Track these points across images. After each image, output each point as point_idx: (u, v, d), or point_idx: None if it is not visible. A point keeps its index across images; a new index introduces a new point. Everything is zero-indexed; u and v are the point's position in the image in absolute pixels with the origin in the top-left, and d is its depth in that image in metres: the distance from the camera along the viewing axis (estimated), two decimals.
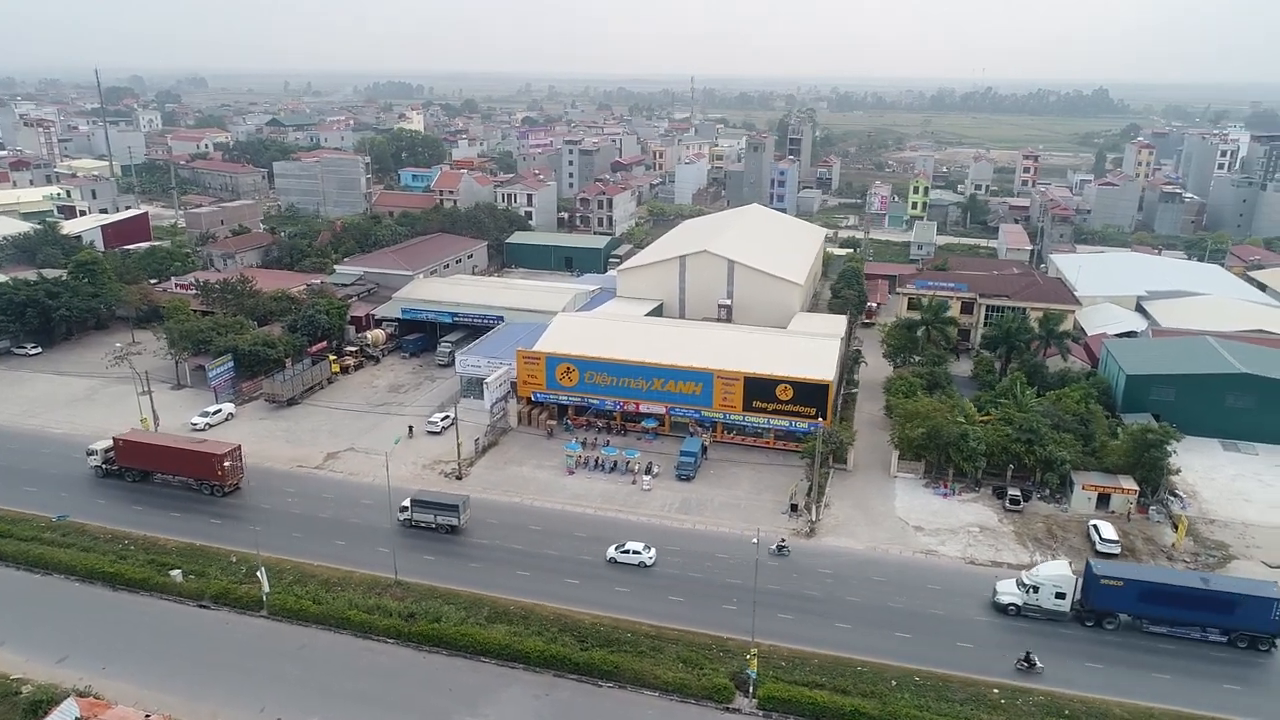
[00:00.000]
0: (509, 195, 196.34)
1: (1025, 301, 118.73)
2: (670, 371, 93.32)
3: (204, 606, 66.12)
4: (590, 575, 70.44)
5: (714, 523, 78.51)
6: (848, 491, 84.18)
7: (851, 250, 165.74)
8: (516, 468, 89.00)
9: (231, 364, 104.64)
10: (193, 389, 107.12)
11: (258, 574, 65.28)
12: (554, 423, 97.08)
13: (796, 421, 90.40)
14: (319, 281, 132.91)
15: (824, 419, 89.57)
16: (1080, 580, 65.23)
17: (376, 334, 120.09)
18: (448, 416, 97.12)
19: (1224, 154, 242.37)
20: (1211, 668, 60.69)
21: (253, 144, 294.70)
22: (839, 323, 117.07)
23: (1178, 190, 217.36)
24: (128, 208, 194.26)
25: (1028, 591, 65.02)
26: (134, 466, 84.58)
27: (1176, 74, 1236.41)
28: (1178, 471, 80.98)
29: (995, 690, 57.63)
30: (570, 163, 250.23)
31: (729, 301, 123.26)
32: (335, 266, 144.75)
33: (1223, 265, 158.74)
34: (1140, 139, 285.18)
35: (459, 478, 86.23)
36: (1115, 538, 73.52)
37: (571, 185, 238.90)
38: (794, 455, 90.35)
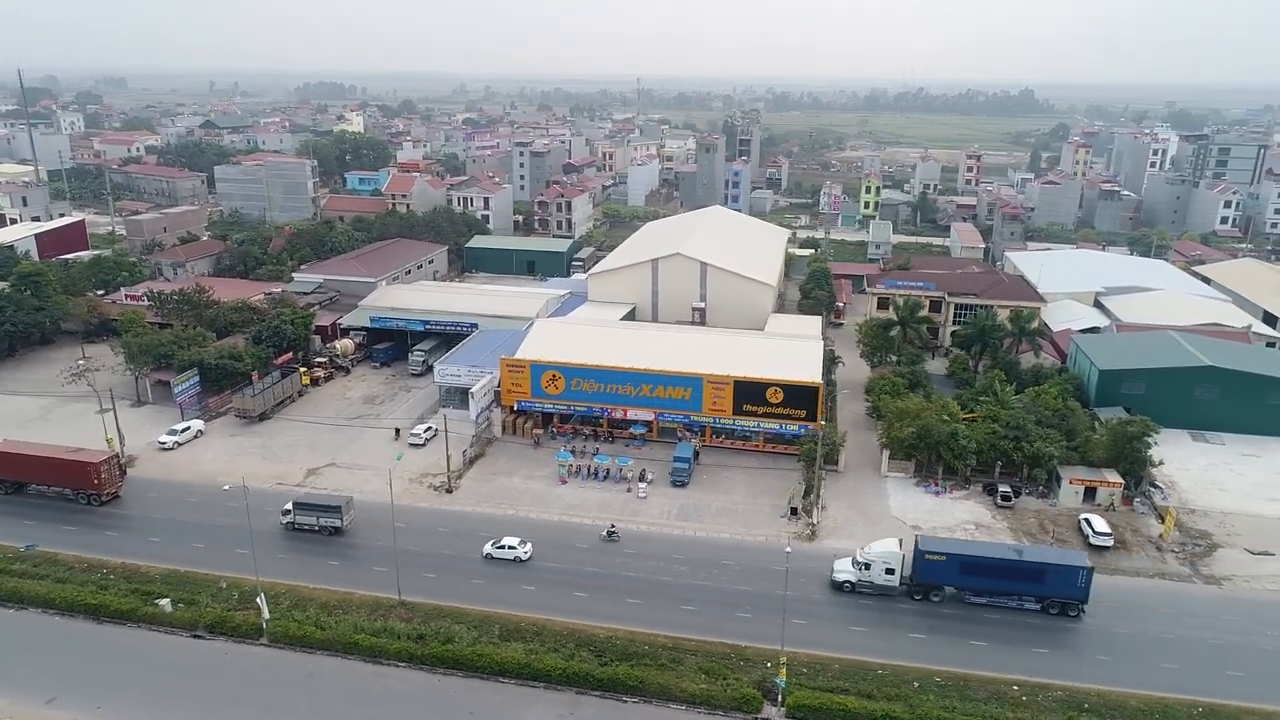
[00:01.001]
0: (465, 199, 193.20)
1: (992, 299, 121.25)
2: (659, 377, 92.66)
3: (198, 636, 63.08)
4: (598, 588, 69.33)
5: (715, 529, 78.13)
6: (841, 493, 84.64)
7: (813, 250, 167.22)
8: (507, 479, 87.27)
9: (197, 378, 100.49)
10: (155, 405, 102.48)
11: (257, 600, 62.52)
12: (540, 431, 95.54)
13: (786, 424, 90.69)
14: (279, 290, 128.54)
15: (814, 421, 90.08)
16: (907, 557, 68.19)
17: (345, 344, 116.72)
18: (430, 428, 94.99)
19: (1155, 153, 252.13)
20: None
21: (187, 147, 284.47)
22: (815, 324, 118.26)
23: (1116, 188, 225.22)
24: (61, 215, 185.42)
25: (861, 569, 68.15)
26: (5, 478, 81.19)
27: (1094, 76, 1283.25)
28: (1160, 464, 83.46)
29: (1015, 687, 58.42)
30: (521, 165, 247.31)
31: (703, 304, 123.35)
32: (293, 274, 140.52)
33: (1166, 260, 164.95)
34: (1076, 139, 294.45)
35: (449, 491, 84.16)
36: (1108, 530, 75.46)
37: (523, 188, 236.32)
38: (785, 458, 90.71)
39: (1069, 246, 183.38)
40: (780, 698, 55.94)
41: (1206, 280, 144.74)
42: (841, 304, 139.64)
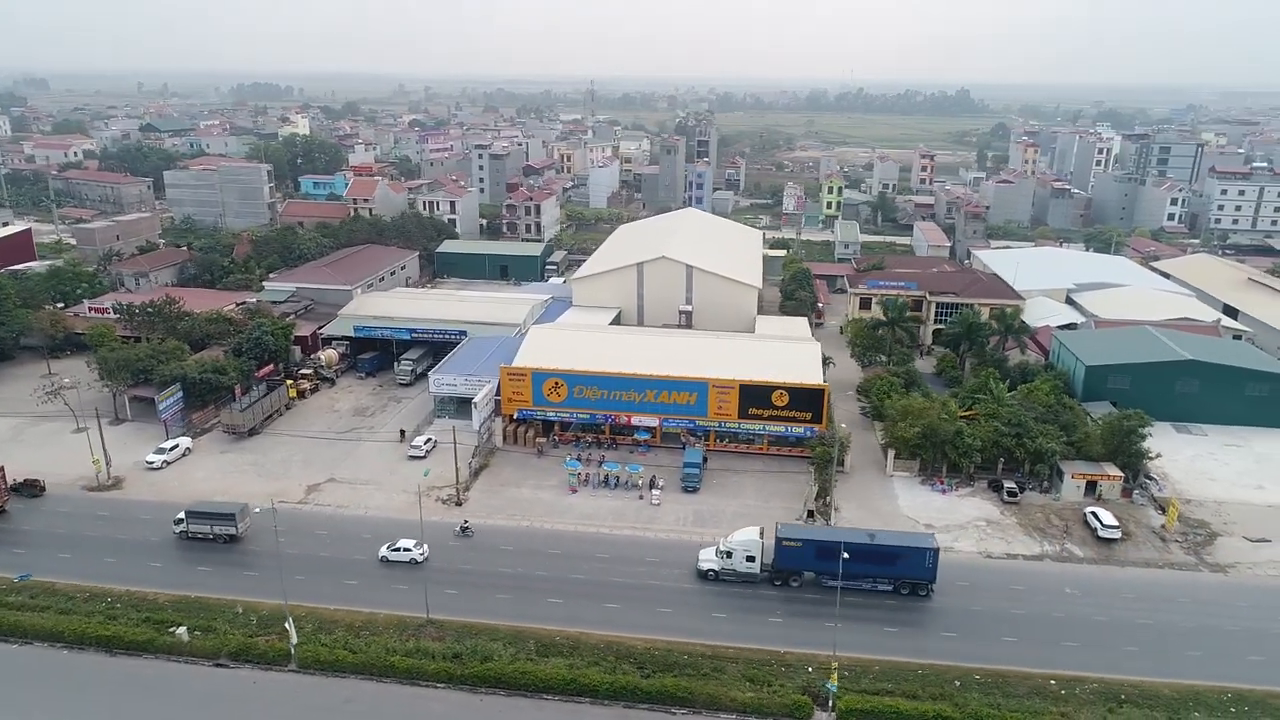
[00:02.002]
0: (431, 203, 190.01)
1: (972, 298, 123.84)
2: (663, 382, 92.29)
3: (222, 665, 60.66)
4: (629, 598, 68.68)
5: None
6: (850, 494, 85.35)
7: (785, 251, 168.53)
8: (515, 489, 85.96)
9: (180, 394, 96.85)
10: (135, 423, 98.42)
11: (285, 624, 60.38)
12: (544, 440, 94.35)
13: (792, 427, 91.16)
14: (254, 300, 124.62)
15: (819, 423, 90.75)
16: (768, 544, 70.31)
17: (330, 354, 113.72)
18: (430, 439, 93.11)
19: (1100, 152, 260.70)
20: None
21: (128, 151, 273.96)
22: (803, 325, 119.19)
23: (1067, 187, 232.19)
24: (4, 224, 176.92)
25: (724, 557, 70.00)
26: None
27: (1025, 76, 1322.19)
28: (1157, 456, 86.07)
29: (1052, 681, 59.62)
30: (481, 168, 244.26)
31: (689, 307, 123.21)
32: (263, 283, 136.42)
33: (1123, 257, 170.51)
34: (1024, 139, 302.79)
35: (458, 503, 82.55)
36: (1115, 523, 77.50)
37: (483, 191, 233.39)
38: (790, 460, 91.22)
39: (1028, 244, 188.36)
40: (830, 703, 56.12)
41: (1166, 275, 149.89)
42: (822, 305, 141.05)
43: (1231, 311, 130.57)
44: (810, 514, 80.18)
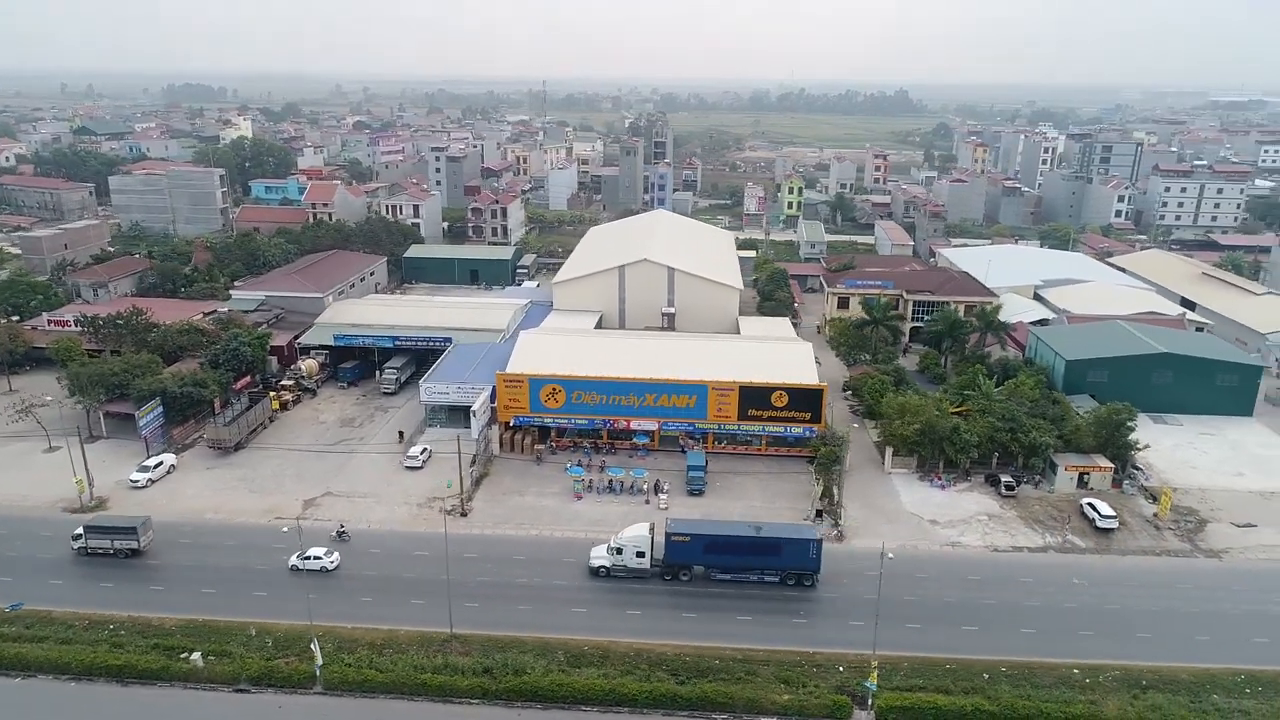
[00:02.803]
0: (394, 207, 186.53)
1: (948, 296, 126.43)
2: (663, 386, 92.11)
3: (243, 690, 58.63)
4: (651, 604, 68.44)
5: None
6: (851, 492, 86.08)
7: (755, 252, 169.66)
8: (519, 498, 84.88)
9: (161, 409, 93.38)
10: (111, 440, 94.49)
11: (310, 645, 58.65)
12: (542, 447, 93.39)
13: (791, 427, 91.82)
14: (225, 310, 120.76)
15: (818, 423, 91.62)
16: (658, 540, 71.27)
17: (310, 364, 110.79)
18: (426, 449, 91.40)
19: (1046, 151, 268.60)
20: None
21: (63, 155, 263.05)
22: (787, 326, 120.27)
23: (1017, 185, 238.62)
24: None
25: (614, 554, 70.80)
26: None
27: (957, 77, 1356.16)
28: (1145, 447, 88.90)
29: (1075, 670, 61.10)
30: (438, 170, 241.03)
31: (672, 309, 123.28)
32: (230, 292, 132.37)
33: (1079, 253, 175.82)
34: (973, 139, 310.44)
35: (463, 514, 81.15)
36: (1113, 513, 79.81)
37: (438, 194, 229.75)
38: (789, 460, 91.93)
39: (984, 242, 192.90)
40: (870, 701, 56.66)
41: (1123, 270, 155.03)
42: (797, 304, 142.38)
43: (1189, 304, 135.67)
44: (818, 514, 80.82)
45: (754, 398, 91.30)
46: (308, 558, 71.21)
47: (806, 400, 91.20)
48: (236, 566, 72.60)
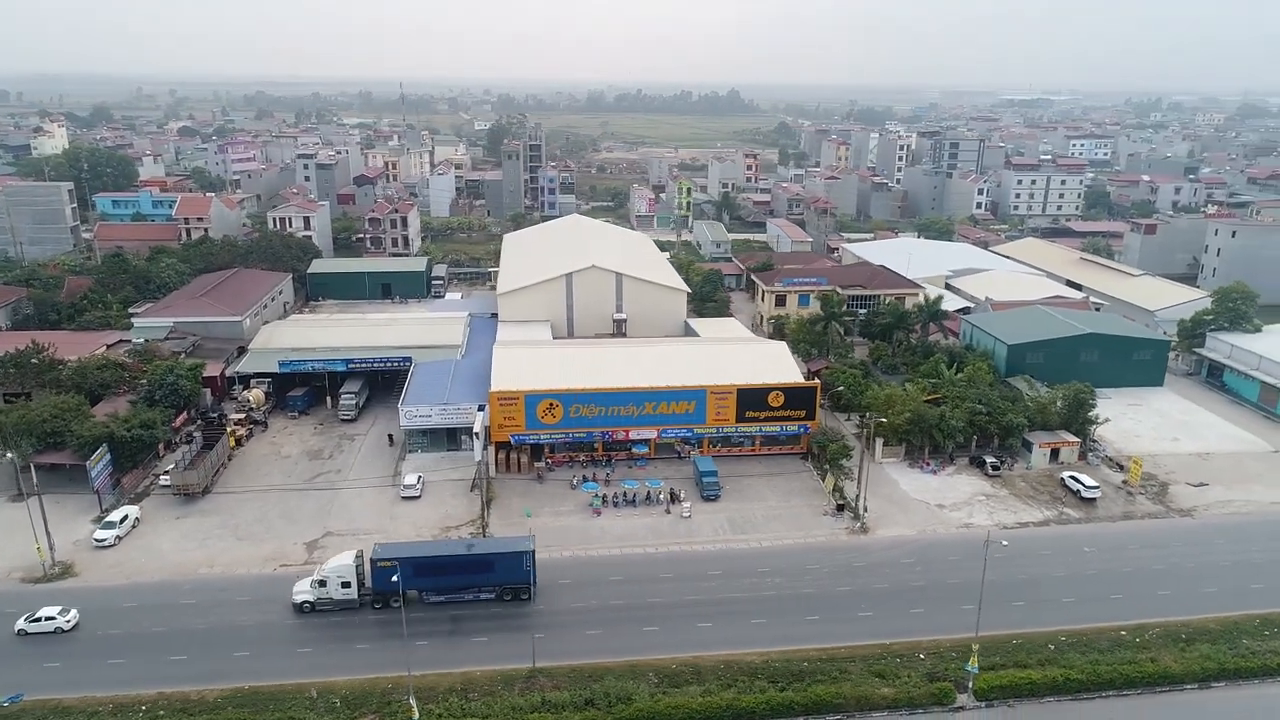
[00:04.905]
0: (282, 220, 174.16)
1: (879, 289, 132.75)
2: (662, 394, 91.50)
3: None
4: (715, 614, 67.89)
5: (775, 537, 79.18)
6: (853, 484, 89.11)
7: (666, 254, 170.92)
8: (536, 519, 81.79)
9: (109, 456, 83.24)
10: (49, 496, 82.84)
11: (408, 699, 54.31)
12: (541, 465, 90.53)
13: (786, 426, 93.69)
14: (140, 340, 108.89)
15: (812, 420, 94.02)
16: (364, 568, 67.34)
17: (256, 394, 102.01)
18: (419, 477, 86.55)
19: (901, 148, 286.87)
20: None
21: None
22: (739, 325, 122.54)
23: (884, 181, 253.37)
24: None
25: (318, 586, 66.26)
26: None
27: (783, 77, 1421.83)
28: (1105, 421, 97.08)
29: (1123, 631, 66.09)
30: (307, 179, 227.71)
31: (623, 315, 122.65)
32: (131, 320, 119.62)
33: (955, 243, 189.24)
34: (835, 138, 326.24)
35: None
36: (1095, 484, 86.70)
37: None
38: (786, 459, 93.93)
39: (869, 236, 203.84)
40: (970, 684, 59.01)
41: (1009, 258, 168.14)
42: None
43: (1075, 286, 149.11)
44: (839, 507, 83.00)
45: (752, 399, 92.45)
46: (37, 619, 63.37)
47: (801, 398, 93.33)
48: (257, 624, 66.01)
